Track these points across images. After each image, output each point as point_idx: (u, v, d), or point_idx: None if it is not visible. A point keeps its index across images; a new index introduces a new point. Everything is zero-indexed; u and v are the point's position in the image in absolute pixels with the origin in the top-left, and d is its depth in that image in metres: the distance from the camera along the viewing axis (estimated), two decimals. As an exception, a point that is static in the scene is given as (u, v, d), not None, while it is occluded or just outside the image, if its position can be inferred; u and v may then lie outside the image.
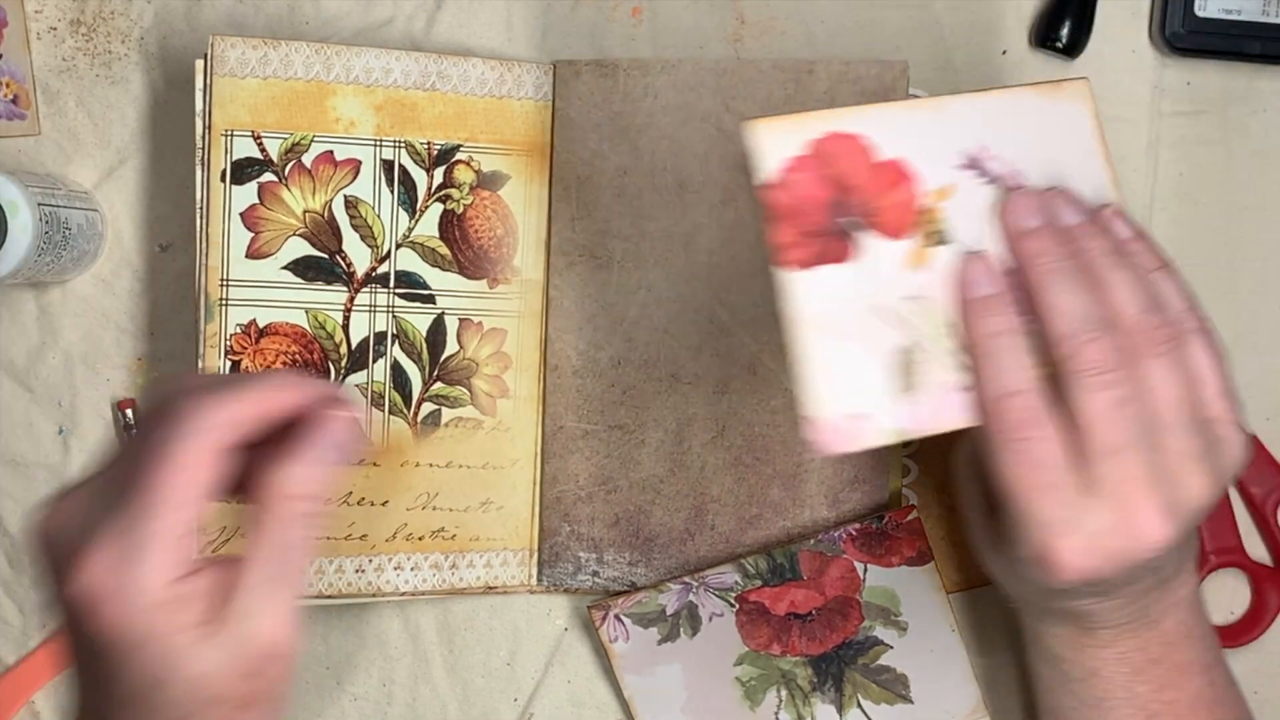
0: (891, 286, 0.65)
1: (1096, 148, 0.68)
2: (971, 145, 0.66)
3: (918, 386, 0.64)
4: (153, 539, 0.55)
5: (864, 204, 0.65)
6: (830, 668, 0.83)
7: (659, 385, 0.83)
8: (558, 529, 0.84)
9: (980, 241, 0.65)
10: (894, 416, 0.64)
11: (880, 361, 0.64)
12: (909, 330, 0.65)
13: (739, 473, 0.83)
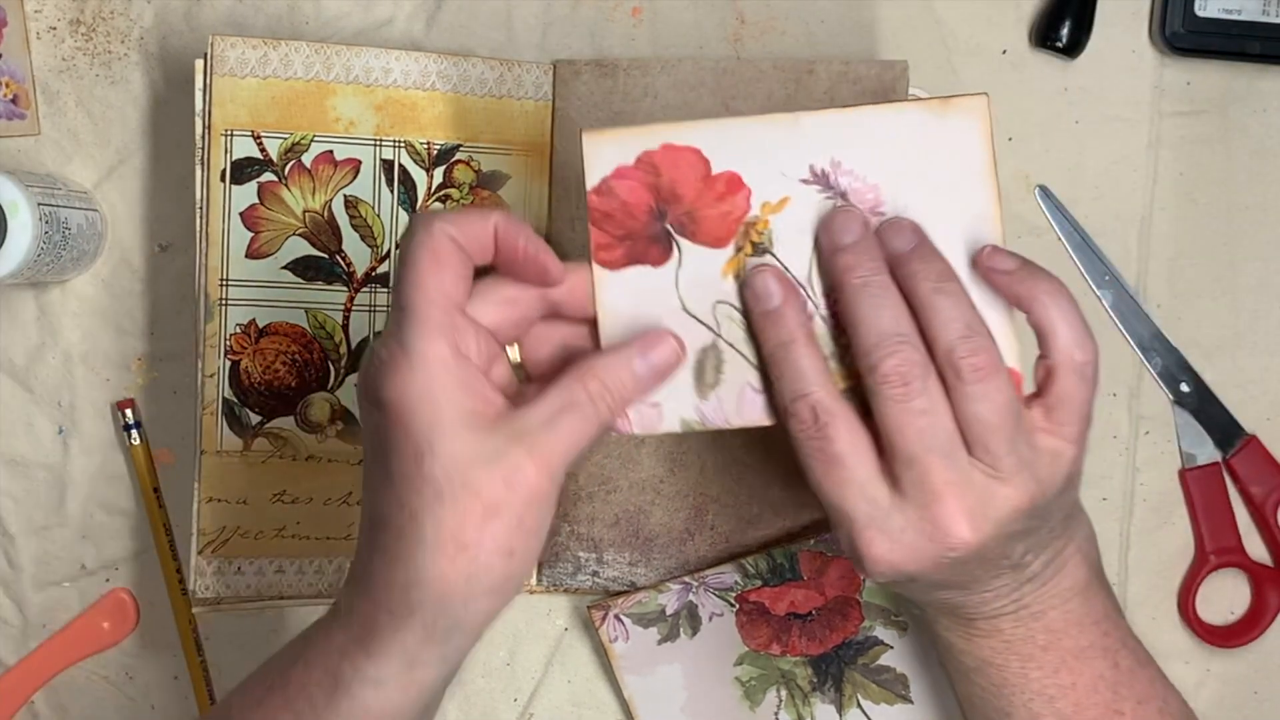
0: (706, 290, 0.67)
1: (982, 167, 0.67)
2: (823, 161, 0.67)
3: (719, 384, 0.67)
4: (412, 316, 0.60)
5: (688, 213, 0.67)
6: (830, 668, 0.83)
7: None
8: (557, 529, 0.84)
9: (801, 253, 0.67)
10: (691, 408, 0.67)
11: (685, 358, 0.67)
12: (716, 332, 0.67)
13: (738, 472, 0.83)
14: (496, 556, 0.60)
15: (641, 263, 0.67)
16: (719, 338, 0.67)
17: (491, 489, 0.59)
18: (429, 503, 0.59)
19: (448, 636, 0.61)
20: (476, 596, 0.60)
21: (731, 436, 0.83)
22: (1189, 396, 0.87)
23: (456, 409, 0.60)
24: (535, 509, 0.61)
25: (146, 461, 0.86)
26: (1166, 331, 0.87)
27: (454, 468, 0.59)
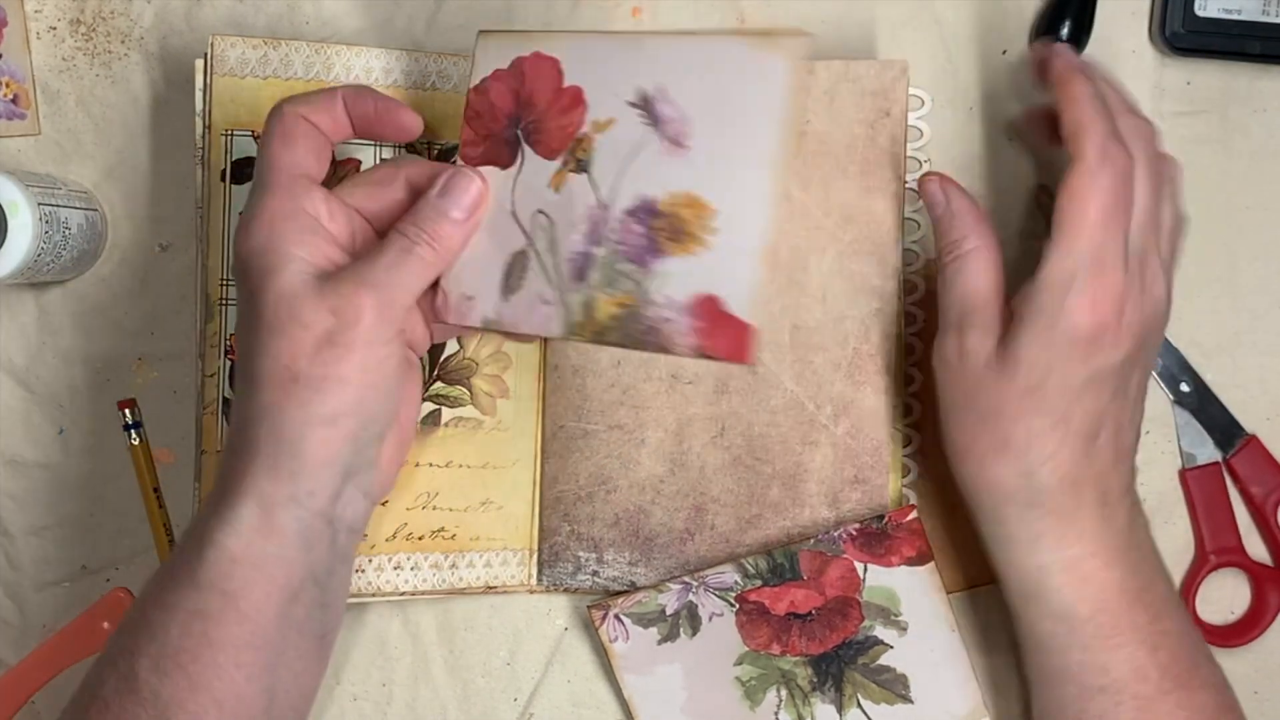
0: (532, 198, 0.72)
1: (779, 112, 0.67)
2: (650, 85, 0.70)
3: (519, 289, 0.72)
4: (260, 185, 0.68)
5: (536, 121, 0.73)
6: (830, 667, 0.83)
7: (659, 385, 0.83)
8: (557, 529, 0.84)
9: (609, 175, 0.71)
10: (494, 308, 0.72)
11: (500, 259, 0.72)
12: (530, 239, 0.72)
13: (739, 473, 0.83)
14: (329, 384, 0.64)
15: (493, 164, 0.74)
16: (531, 245, 0.72)
17: (320, 320, 0.65)
18: (262, 338, 0.65)
19: (292, 474, 0.65)
20: (313, 426, 0.64)
21: (731, 436, 0.83)
22: (1189, 396, 0.87)
23: (289, 256, 0.66)
24: (369, 343, 0.65)
25: (146, 461, 0.87)
26: (1166, 331, 0.87)
27: (282, 302, 0.65)
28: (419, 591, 0.83)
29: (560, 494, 0.84)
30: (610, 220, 0.71)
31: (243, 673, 0.66)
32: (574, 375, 0.84)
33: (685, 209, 0.69)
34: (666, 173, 0.70)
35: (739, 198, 0.68)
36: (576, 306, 0.71)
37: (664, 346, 0.69)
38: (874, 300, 0.82)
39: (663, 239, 0.70)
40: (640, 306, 0.70)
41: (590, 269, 0.71)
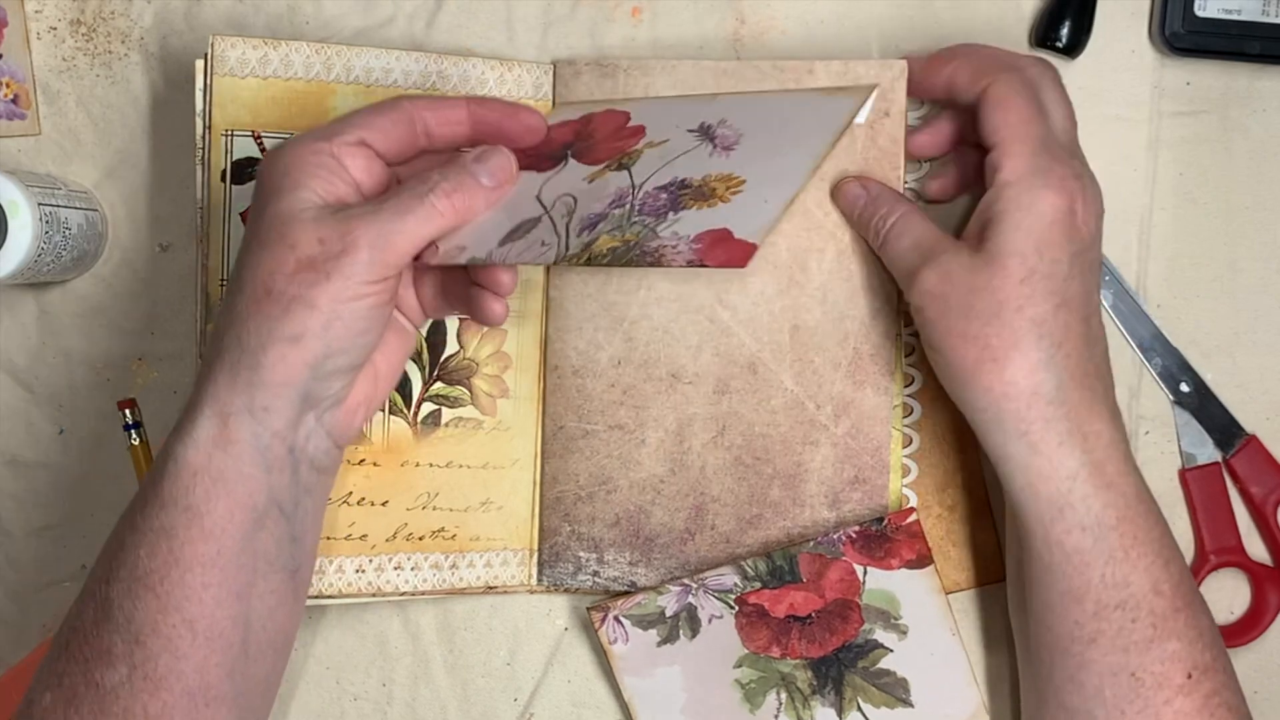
0: (563, 187, 0.74)
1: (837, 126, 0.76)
2: (713, 119, 0.76)
3: (519, 240, 0.71)
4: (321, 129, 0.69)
5: (590, 146, 0.77)
6: (830, 670, 0.83)
7: (659, 385, 0.83)
8: (558, 529, 0.84)
9: (654, 171, 0.74)
10: (486, 253, 0.71)
11: (508, 225, 0.72)
12: (547, 210, 0.73)
13: (739, 473, 0.83)
14: (299, 306, 0.65)
15: (532, 169, 0.75)
16: (546, 213, 0.73)
17: (307, 244, 0.65)
18: (252, 251, 0.66)
19: (249, 384, 0.66)
20: (275, 341, 0.65)
21: (732, 436, 0.83)
22: (1189, 396, 0.87)
23: (300, 183, 0.67)
24: (348, 276, 0.65)
25: (147, 461, 0.86)
26: (1166, 331, 0.87)
27: (276, 220, 0.66)
28: (419, 591, 0.83)
29: (560, 494, 0.84)
30: (638, 193, 0.73)
31: (210, 594, 0.66)
32: (574, 376, 0.84)
33: (717, 181, 0.73)
34: (708, 164, 0.74)
35: (772, 172, 0.72)
36: (576, 247, 0.71)
37: (656, 263, 0.70)
38: (874, 300, 0.82)
39: (686, 199, 0.72)
40: (644, 241, 0.71)
41: (601, 223, 0.72)
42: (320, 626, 0.87)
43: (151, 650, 0.66)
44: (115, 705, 0.66)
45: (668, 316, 0.83)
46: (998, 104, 0.74)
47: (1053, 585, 0.74)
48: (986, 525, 0.85)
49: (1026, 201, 0.71)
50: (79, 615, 0.68)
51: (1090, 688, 0.73)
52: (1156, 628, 0.72)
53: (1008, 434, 0.72)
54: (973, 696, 0.83)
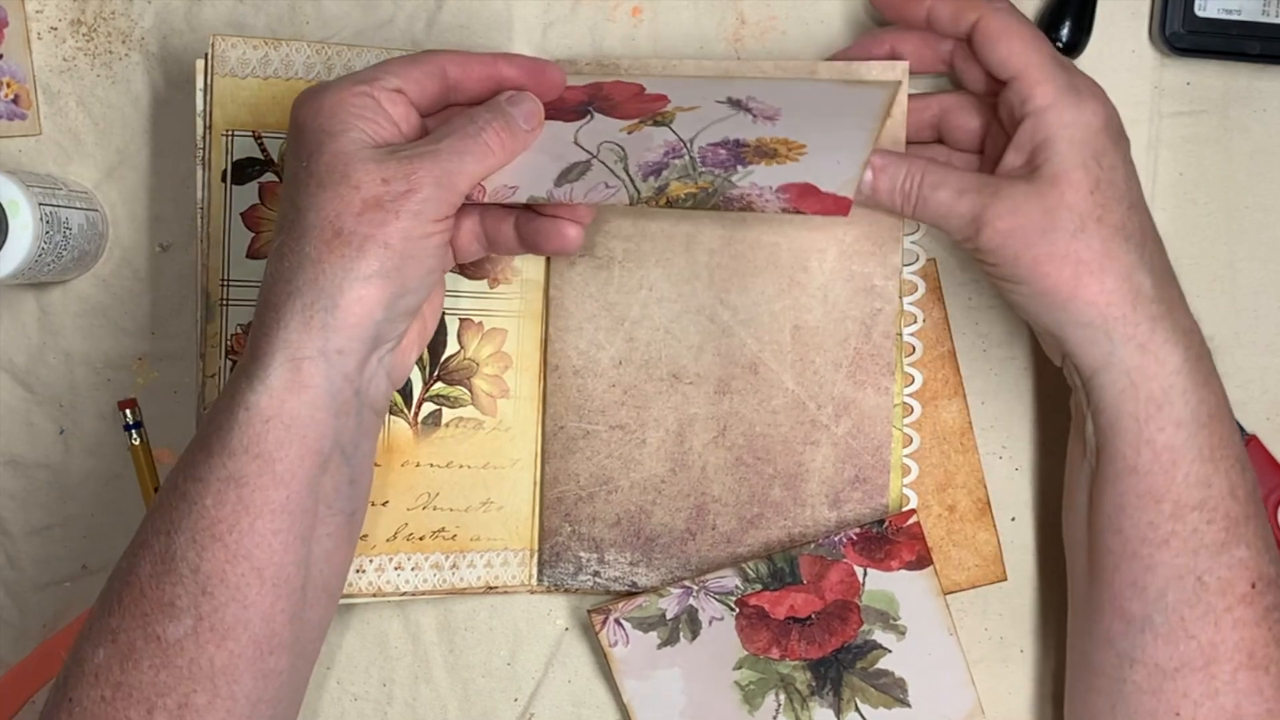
0: (600, 136, 0.74)
1: (879, 105, 0.75)
2: (739, 94, 0.76)
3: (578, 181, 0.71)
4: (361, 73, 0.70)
5: (614, 106, 0.76)
6: (829, 671, 0.83)
7: (660, 385, 0.84)
8: (558, 529, 0.84)
9: (691, 126, 0.74)
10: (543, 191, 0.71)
11: (556, 165, 0.72)
12: (594, 155, 0.73)
13: (740, 473, 0.83)
14: (371, 245, 0.66)
15: (556, 120, 0.75)
16: (594, 159, 0.73)
17: (370, 184, 0.66)
18: (312, 193, 0.66)
19: (324, 326, 0.66)
20: (352, 283, 0.66)
21: (733, 436, 0.83)
22: (1189, 396, 0.87)
23: (350, 125, 0.67)
24: (416, 214, 0.67)
25: (147, 461, 0.86)
26: (1166, 332, 0.87)
27: (336, 162, 0.66)
28: (419, 591, 0.83)
29: (561, 494, 0.84)
30: (691, 149, 0.73)
31: (279, 540, 0.67)
32: (574, 376, 0.84)
33: (777, 143, 0.72)
34: (756, 130, 0.74)
35: (833, 140, 0.72)
36: (646, 190, 0.72)
37: (746, 208, 0.70)
38: (874, 300, 0.82)
39: (749, 155, 0.72)
40: (721, 188, 0.71)
41: (666, 170, 0.72)
42: (320, 626, 0.87)
43: (219, 600, 0.66)
44: (179, 658, 0.66)
45: (669, 316, 0.83)
46: (1000, 36, 0.74)
47: (1133, 487, 0.73)
48: (987, 525, 0.85)
49: (1071, 118, 0.72)
50: (133, 570, 0.67)
51: (1153, 591, 0.73)
52: (1229, 531, 0.72)
53: (1115, 341, 0.72)
54: (969, 696, 0.83)
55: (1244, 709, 0.72)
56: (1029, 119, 0.73)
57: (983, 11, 0.75)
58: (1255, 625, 0.72)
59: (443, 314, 0.82)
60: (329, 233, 0.65)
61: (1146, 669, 0.73)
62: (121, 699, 0.66)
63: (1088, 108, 0.72)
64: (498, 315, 0.83)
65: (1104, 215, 0.71)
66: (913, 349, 0.85)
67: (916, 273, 0.85)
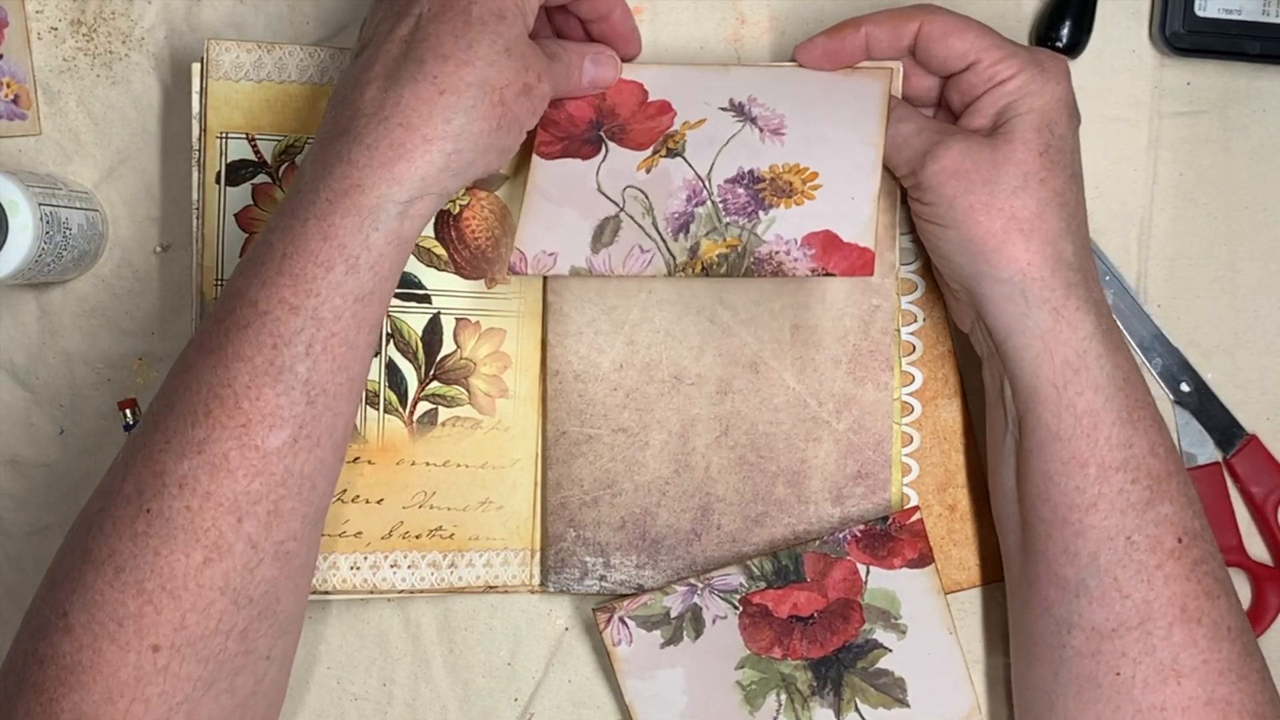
0: (620, 178, 0.78)
1: (878, 109, 0.77)
2: (741, 95, 0.79)
3: (613, 244, 0.76)
4: None
5: (621, 125, 0.79)
6: (830, 671, 0.82)
7: (661, 387, 0.84)
8: (563, 534, 0.84)
9: (706, 155, 0.77)
10: (583, 259, 0.76)
11: (589, 224, 0.77)
12: (620, 207, 0.77)
13: (744, 471, 0.83)
14: (514, 126, 0.72)
15: (574, 157, 0.79)
16: (622, 211, 0.77)
17: (531, 74, 0.71)
18: (498, 54, 0.70)
19: (456, 176, 0.70)
20: (489, 150, 0.71)
21: (735, 435, 0.83)
22: (1189, 396, 0.87)
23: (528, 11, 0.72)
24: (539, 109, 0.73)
25: (147, 461, 0.87)
26: (1166, 331, 0.87)
27: (522, 40, 0.71)
28: (416, 590, 0.83)
29: (565, 499, 0.84)
30: (710, 187, 0.76)
31: (369, 351, 0.71)
32: (575, 380, 0.84)
33: (789, 174, 0.75)
34: (766, 152, 0.77)
35: (844, 166, 0.75)
36: (679, 252, 0.75)
37: (778, 272, 0.74)
38: (872, 297, 0.82)
39: (768, 195, 0.75)
40: (750, 245, 0.74)
41: (693, 223, 0.75)
42: (321, 626, 0.87)
43: (319, 409, 0.69)
44: (276, 465, 0.67)
45: (669, 318, 0.83)
46: (947, 33, 0.77)
47: (1056, 454, 0.75)
48: (987, 524, 0.85)
49: (1036, 88, 0.75)
50: (228, 383, 0.67)
51: (1085, 555, 0.75)
52: (1153, 490, 0.74)
53: (1030, 302, 0.74)
54: (967, 696, 0.83)
55: (1181, 661, 0.74)
56: (994, 89, 0.76)
57: (921, 19, 0.77)
58: (1185, 579, 0.74)
59: (439, 313, 0.82)
60: (495, 98, 0.69)
61: (1084, 633, 0.75)
62: (211, 508, 0.66)
63: (1051, 78, 0.75)
64: (496, 315, 0.83)
65: (1047, 179, 0.74)
66: (913, 348, 0.85)
67: (915, 272, 0.85)
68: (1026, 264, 0.73)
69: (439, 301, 0.83)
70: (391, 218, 0.68)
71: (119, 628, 0.66)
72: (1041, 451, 0.76)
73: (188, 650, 0.66)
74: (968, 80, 0.77)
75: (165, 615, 0.66)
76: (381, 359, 0.82)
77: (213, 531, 0.66)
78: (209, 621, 0.67)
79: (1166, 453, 0.75)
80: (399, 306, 0.82)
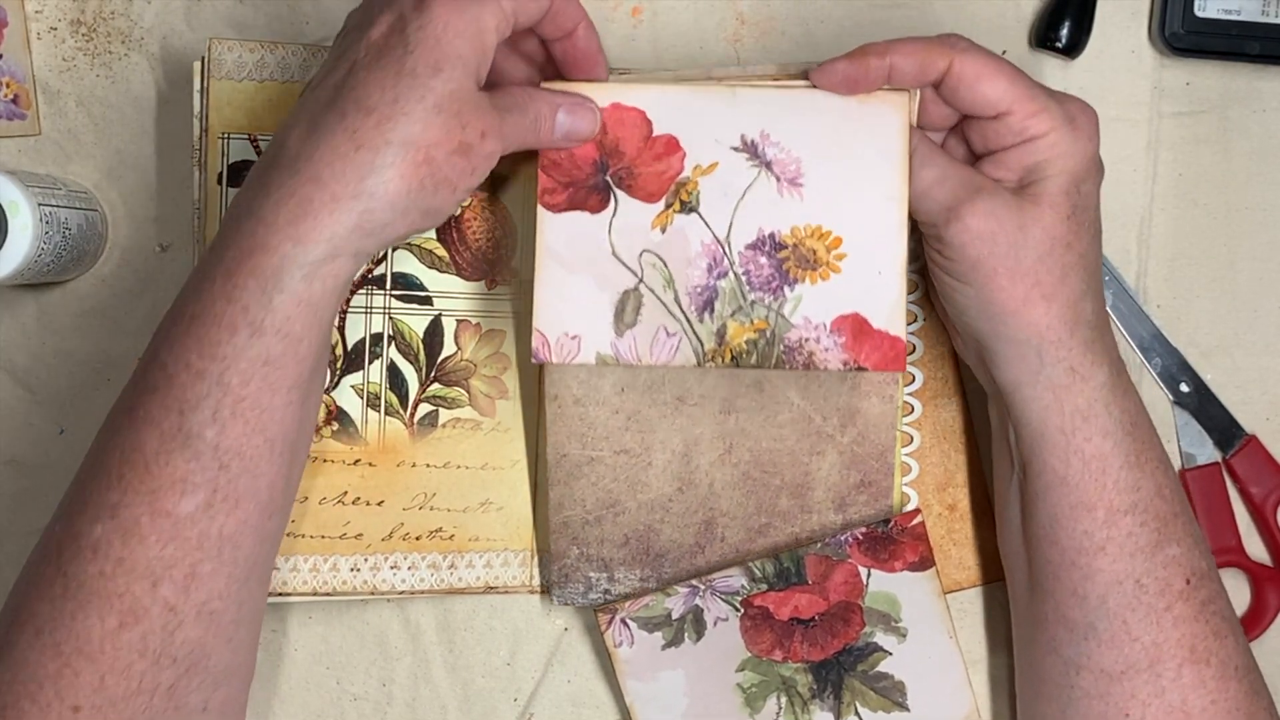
0: (635, 239, 0.75)
1: (897, 155, 0.74)
2: (752, 131, 0.74)
3: (636, 324, 0.75)
4: None
5: (628, 168, 0.75)
6: (830, 674, 0.82)
7: (664, 409, 0.82)
8: (566, 551, 0.83)
9: (723, 214, 0.74)
10: (607, 344, 0.75)
11: (607, 297, 0.75)
12: (640, 278, 0.75)
13: (748, 486, 0.83)
14: (445, 187, 0.67)
15: (581, 209, 0.75)
16: (641, 282, 0.75)
17: (473, 131, 0.67)
18: (426, 110, 0.66)
19: (369, 237, 0.66)
20: (410, 210, 0.67)
21: (739, 453, 0.82)
22: (1189, 397, 0.87)
23: (476, 61, 0.67)
24: (482, 169, 0.68)
25: (147, 461, 0.87)
26: (1166, 332, 0.87)
27: (460, 96, 0.66)
28: (417, 591, 0.83)
29: (568, 519, 0.83)
30: (731, 254, 0.74)
31: (291, 411, 0.68)
32: (575, 405, 0.82)
33: (812, 240, 0.74)
34: (785, 209, 0.74)
35: (868, 228, 0.73)
36: (707, 336, 0.74)
37: (809, 364, 0.74)
38: None
39: (792, 267, 0.74)
40: (778, 329, 0.73)
41: (717, 300, 0.74)
42: (320, 626, 0.87)
43: (234, 472, 0.67)
44: (190, 530, 0.66)
45: (672, 339, 0.83)
46: (979, 78, 0.72)
47: (1064, 498, 0.75)
48: (987, 524, 0.85)
49: (1067, 147, 0.72)
50: (136, 447, 0.67)
51: (1094, 598, 0.75)
52: (1160, 532, 0.74)
53: (1045, 361, 0.73)
54: (966, 699, 0.83)
55: (1190, 703, 0.74)
56: (1025, 145, 0.73)
57: (953, 57, 0.72)
58: (1194, 620, 0.74)
59: (440, 315, 0.82)
60: (420, 156, 0.65)
61: (1093, 674, 0.75)
62: (124, 574, 0.66)
63: (1083, 135, 0.72)
64: (496, 316, 0.83)
65: (1073, 242, 0.72)
66: (913, 348, 0.85)
67: (916, 271, 0.85)
68: (1046, 327, 0.72)
69: (440, 303, 0.82)
70: (296, 280, 0.65)
71: (39, 689, 0.66)
72: (1048, 495, 0.75)
73: (109, 710, 0.66)
74: (995, 130, 0.73)
75: (84, 678, 0.65)
76: (383, 361, 0.82)
77: (127, 597, 0.65)
78: (129, 682, 0.66)
79: (1173, 494, 0.75)
80: (401, 308, 0.82)
